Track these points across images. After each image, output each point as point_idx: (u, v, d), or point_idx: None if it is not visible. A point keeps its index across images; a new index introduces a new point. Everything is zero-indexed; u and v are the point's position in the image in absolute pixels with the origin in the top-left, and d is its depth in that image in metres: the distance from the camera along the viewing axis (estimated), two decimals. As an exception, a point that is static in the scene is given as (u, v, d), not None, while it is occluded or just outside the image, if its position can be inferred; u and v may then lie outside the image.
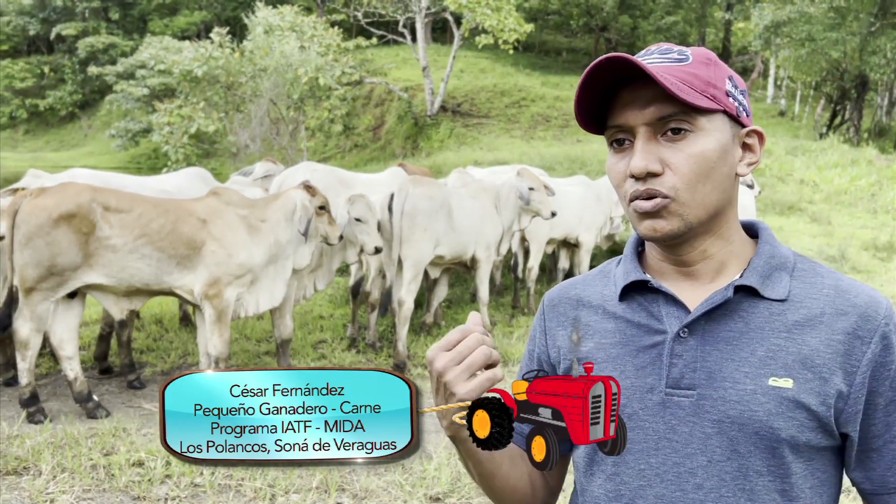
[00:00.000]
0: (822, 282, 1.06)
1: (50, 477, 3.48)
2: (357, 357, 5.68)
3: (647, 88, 1.00)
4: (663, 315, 1.07)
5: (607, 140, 1.08)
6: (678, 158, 1.01)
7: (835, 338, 1.00)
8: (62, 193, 4.07)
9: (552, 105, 22.72)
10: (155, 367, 5.37)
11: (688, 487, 1.02)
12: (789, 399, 0.99)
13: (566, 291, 1.21)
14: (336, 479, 3.52)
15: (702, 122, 1.01)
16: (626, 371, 1.07)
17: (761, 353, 1.01)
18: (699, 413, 1.02)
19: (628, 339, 1.09)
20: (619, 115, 1.04)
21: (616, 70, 1.01)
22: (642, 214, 1.03)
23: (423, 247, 5.31)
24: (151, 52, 19.55)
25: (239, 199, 4.51)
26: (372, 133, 23.99)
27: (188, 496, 3.39)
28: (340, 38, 18.21)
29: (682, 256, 1.08)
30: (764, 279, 1.05)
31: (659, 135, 1.02)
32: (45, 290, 4.06)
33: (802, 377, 0.99)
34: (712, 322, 1.04)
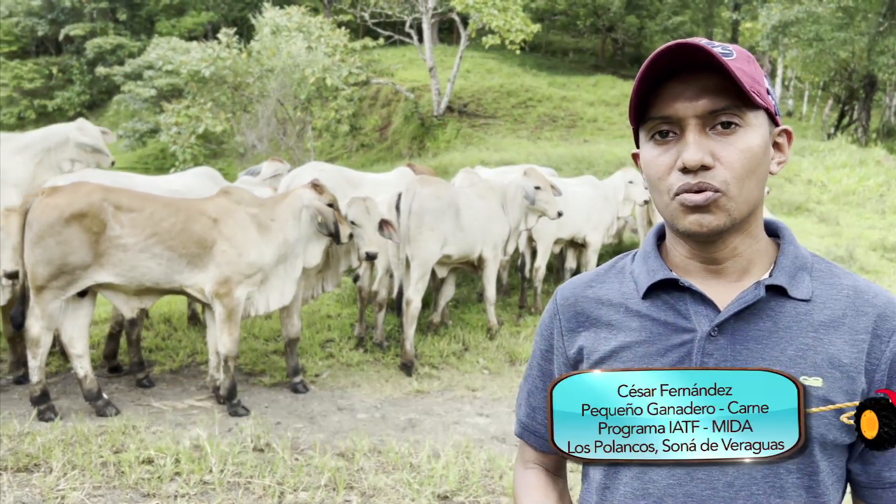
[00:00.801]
0: (840, 282, 1.08)
1: (61, 474, 3.50)
2: (365, 356, 5.70)
3: (700, 80, 1.00)
4: (691, 313, 1.07)
5: (646, 132, 1.07)
6: (729, 153, 1.00)
7: (858, 337, 1.03)
8: (74, 193, 4.09)
9: (559, 105, 22.71)
10: (164, 365, 5.39)
11: (718, 486, 1.02)
12: (819, 398, 1.00)
13: (581, 290, 1.19)
14: (344, 477, 3.53)
15: (750, 117, 1.01)
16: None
17: (791, 352, 1.02)
18: None
19: (655, 337, 1.08)
20: (665, 106, 1.02)
21: (679, 58, 1.00)
22: (691, 208, 1.02)
23: (431, 246, 5.32)
24: (159, 52, 19.63)
25: (249, 198, 4.53)
26: (378, 133, 24.02)
27: (197, 493, 3.40)
28: (347, 38, 18.25)
29: (713, 254, 1.07)
30: (791, 279, 1.06)
31: (708, 128, 1.01)
32: (55, 289, 4.09)
33: (831, 376, 1.01)
34: (741, 321, 1.05)
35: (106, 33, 36.80)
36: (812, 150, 15.58)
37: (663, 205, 1.06)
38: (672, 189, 1.03)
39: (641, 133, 1.08)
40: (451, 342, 6.01)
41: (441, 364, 5.60)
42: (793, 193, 12.50)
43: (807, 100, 27.27)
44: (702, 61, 0.99)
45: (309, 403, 4.76)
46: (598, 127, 21.17)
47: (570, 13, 31.12)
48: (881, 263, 8.90)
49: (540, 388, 1.23)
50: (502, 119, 22.08)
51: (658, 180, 1.05)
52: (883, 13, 18.46)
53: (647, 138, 1.07)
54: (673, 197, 1.03)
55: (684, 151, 1.00)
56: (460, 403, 4.84)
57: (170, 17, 36.78)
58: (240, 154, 16.99)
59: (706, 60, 0.98)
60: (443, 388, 5.11)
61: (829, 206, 12.16)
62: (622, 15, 29.93)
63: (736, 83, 0.98)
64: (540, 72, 27.79)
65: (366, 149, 22.99)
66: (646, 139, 1.07)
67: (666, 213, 1.06)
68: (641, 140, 1.09)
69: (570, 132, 20.89)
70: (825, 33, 17.98)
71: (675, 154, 1.02)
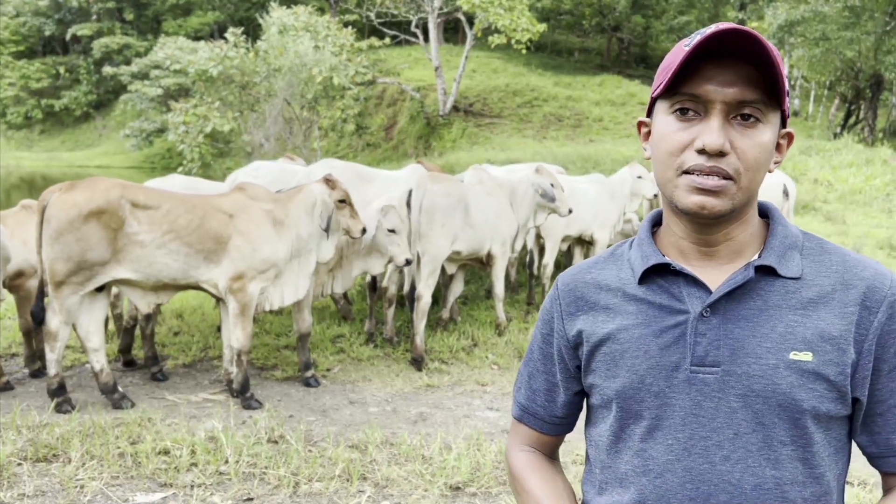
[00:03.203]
0: (830, 259, 1.11)
1: (79, 464, 3.56)
2: (375, 352, 5.76)
3: (735, 67, 1.02)
4: (684, 295, 1.10)
5: (668, 105, 1.07)
6: (746, 144, 1.03)
7: (847, 310, 1.06)
8: (92, 189, 4.15)
9: (564, 105, 22.72)
10: (177, 359, 5.46)
11: (715, 460, 1.06)
12: (810, 371, 1.04)
13: (581, 275, 1.23)
14: (358, 468, 3.59)
15: (769, 114, 1.05)
16: (650, 351, 1.10)
17: (781, 328, 1.06)
18: (724, 388, 1.06)
19: (651, 319, 1.12)
20: (698, 85, 1.03)
21: (726, 42, 1.01)
22: (698, 189, 1.04)
23: (441, 242, 5.38)
24: (167, 52, 19.71)
25: (264, 193, 4.58)
26: (384, 132, 24.08)
27: (214, 483, 3.46)
28: (354, 38, 18.31)
29: (708, 237, 1.11)
30: (780, 258, 1.10)
31: (731, 116, 1.04)
32: (74, 284, 4.15)
33: (821, 350, 1.04)
34: (733, 301, 1.08)
35: (113, 33, 36.97)
36: (818, 150, 15.58)
37: (666, 179, 1.08)
38: (683, 166, 1.05)
39: (661, 104, 1.10)
40: (460, 338, 6.06)
41: (451, 359, 5.66)
42: (800, 192, 12.50)
43: (813, 99, 27.24)
44: (745, 49, 1.01)
45: (321, 397, 4.82)
46: (604, 126, 21.18)
47: (576, 13, 31.13)
48: (888, 262, 8.92)
49: (541, 371, 1.27)
50: (508, 118, 22.11)
51: (669, 155, 1.07)
52: (889, 12, 18.43)
53: (668, 111, 1.08)
54: (681, 174, 1.06)
55: (706, 134, 1.02)
56: (470, 398, 4.89)
57: (176, 17, 36.92)
58: (247, 153, 17.06)
59: (752, 49, 1.01)
60: (453, 382, 5.16)
61: (836, 205, 12.17)
62: (628, 14, 29.93)
63: (769, 79, 1.02)
64: (545, 71, 27.81)
65: (372, 148, 23.05)
66: (666, 111, 1.08)
67: (668, 188, 1.08)
68: (659, 111, 1.10)
69: (575, 132, 20.91)
70: (831, 33, 17.96)
71: (694, 133, 1.04)
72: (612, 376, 1.13)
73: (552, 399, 1.26)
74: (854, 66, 19.96)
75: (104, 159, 32.94)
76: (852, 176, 13.55)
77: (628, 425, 1.13)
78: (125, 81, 29.26)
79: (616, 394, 1.13)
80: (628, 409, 1.11)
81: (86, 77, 37.87)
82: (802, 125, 24.03)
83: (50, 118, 39.35)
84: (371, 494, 3.41)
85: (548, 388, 1.26)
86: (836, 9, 18.28)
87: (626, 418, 1.12)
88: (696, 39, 1.02)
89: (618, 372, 1.12)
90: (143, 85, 27.49)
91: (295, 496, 3.38)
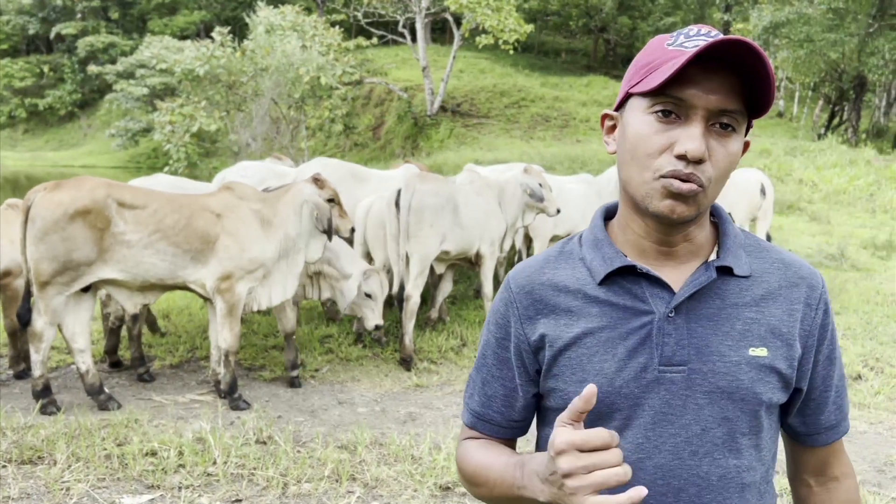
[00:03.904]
0: (769, 256, 1.16)
1: (65, 466, 3.53)
2: (364, 352, 5.74)
3: (721, 75, 1.01)
4: (647, 296, 1.11)
5: (649, 105, 1.05)
6: (720, 154, 1.03)
7: (794, 307, 1.12)
8: (77, 189, 4.11)
9: (551, 105, 22.80)
10: (164, 360, 5.42)
11: (684, 455, 1.09)
12: (765, 366, 1.09)
13: (535, 276, 1.19)
14: (347, 469, 3.58)
15: (742, 125, 1.05)
16: (617, 353, 1.10)
17: (739, 326, 1.09)
18: (691, 386, 1.08)
19: (616, 322, 1.11)
20: (684, 89, 1.01)
21: (722, 51, 0.99)
22: (671, 194, 1.03)
23: (430, 242, 5.37)
24: (153, 51, 19.58)
25: (252, 193, 4.55)
26: (372, 132, 24.06)
27: (201, 485, 3.44)
28: (341, 37, 18.27)
29: (670, 237, 1.11)
30: (735, 258, 1.13)
31: (710, 124, 1.03)
32: (59, 285, 4.11)
33: (774, 345, 1.10)
34: (694, 301, 1.10)
35: (98, 32, 36.71)
36: (803, 151, 15.73)
37: (641, 181, 1.06)
38: (660, 171, 1.03)
39: (638, 101, 1.07)
40: (449, 338, 6.06)
41: (440, 359, 5.65)
42: (784, 192, 12.61)
43: (797, 100, 27.45)
44: (732, 59, 1.00)
45: (309, 398, 4.80)
46: (591, 127, 21.26)
47: (563, 14, 31.24)
48: (872, 261, 9.00)
49: (496, 377, 1.23)
50: (495, 119, 22.15)
51: (647, 157, 1.05)
52: (873, 14, 18.61)
53: (647, 110, 1.05)
54: (657, 178, 1.04)
55: (687, 141, 1.01)
56: (459, 397, 4.88)
57: (162, 16, 36.72)
58: (234, 153, 16.98)
59: (741, 61, 0.99)
60: (442, 382, 5.16)
61: (821, 206, 12.28)
62: (614, 16, 30.08)
63: (757, 92, 1.01)
64: (533, 72, 27.89)
65: (359, 148, 23.02)
66: (644, 110, 1.06)
67: (640, 191, 1.06)
68: (635, 108, 1.08)
69: (562, 132, 20.99)
70: (816, 34, 18.12)
71: (673, 137, 1.02)
72: (579, 380, 1.11)
73: (510, 404, 1.23)
74: (838, 67, 20.14)
75: (89, 159, 32.70)
76: (836, 176, 13.69)
77: (596, 427, 1.11)
78: (110, 80, 29.05)
79: None
80: (598, 412, 1.10)
81: (70, 76, 37.59)
82: (787, 126, 24.22)
83: (34, 117, 39.03)
84: (360, 495, 3.40)
85: (505, 393, 1.23)
86: (820, 11, 18.44)
87: (595, 420, 1.10)
88: (700, 45, 1.00)
89: (585, 376, 1.11)
90: (128, 84, 27.31)
91: (284, 497, 3.36)
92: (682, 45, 1.04)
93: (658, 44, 1.08)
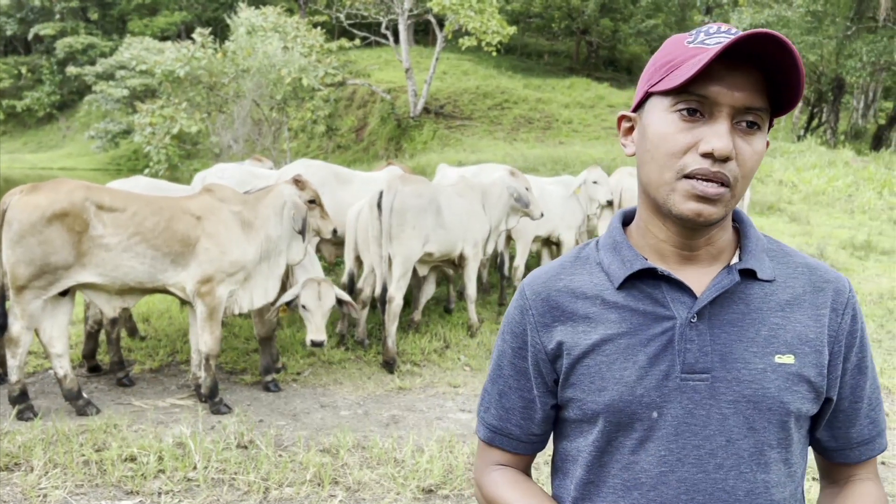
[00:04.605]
0: (794, 261, 1.13)
1: (42, 472, 3.48)
2: (346, 354, 5.71)
3: (746, 72, 0.99)
4: (669, 301, 1.07)
5: (672, 104, 1.02)
6: (746, 151, 1.01)
7: (819, 312, 1.08)
8: (55, 191, 4.06)
9: (534, 107, 22.85)
10: (144, 364, 5.36)
11: (709, 468, 1.04)
12: (793, 374, 1.04)
13: (551, 282, 1.15)
14: (329, 472, 3.55)
15: (766, 123, 1.03)
16: (638, 361, 1.06)
17: (764, 332, 1.05)
18: (715, 395, 1.04)
19: (636, 328, 1.07)
20: (709, 86, 0.99)
21: (749, 46, 0.97)
22: (697, 197, 1.00)
23: (412, 244, 5.36)
24: (133, 52, 19.40)
25: (232, 195, 4.52)
26: (355, 134, 23.99)
27: (182, 490, 3.40)
28: (323, 38, 18.20)
29: (693, 241, 1.08)
30: (758, 262, 1.10)
31: (735, 122, 1.00)
32: (36, 289, 4.05)
33: (801, 352, 1.05)
34: (717, 306, 1.06)
35: (77, 33, 36.30)
36: (783, 152, 15.88)
37: (662, 182, 1.03)
38: (685, 170, 1.00)
39: (659, 100, 1.04)
40: (432, 340, 6.05)
41: (423, 361, 5.64)
42: (765, 194, 12.73)
43: (777, 102, 27.69)
44: (757, 55, 0.97)
45: (291, 401, 4.77)
46: (574, 129, 21.34)
47: (546, 16, 31.33)
48: (850, 261, 9.10)
49: (514, 388, 1.19)
50: (479, 120, 22.17)
51: (670, 156, 1.01)
52: (850, 17, 18.84)
53: (670, 109, 1.02)
54: (681, 177, 1.01)
55: (714, 139, 0.98)
56: (442, 400, 4.87)
57: (142, 17, 36.39)
58: (215, 154, 16.86)
59: (769, 57, 0.97)
60: (425, 384, 5.14)
61: (800, 206, 12.40)
62: (596, 18, 30.20)
63: (785, 87, 0.99)
64: (515, 74, 27.95)
65: (342, 150, 22.95)
66: (666, 109, 1.03)
67: (661, 191, 1.03)
68: (656, 108, 1.05)
69: (545, 134, 21.04)
70: (794, 37, 18.29)
71: (697, 136, 1.00)
72: (598, 389, 1.08)
73: (529, 416, 1.18)
74: (816, 69, 20.36)
75: (68, 161, 32.34)
76: (815, 177, 13.82)
77: (617, 438, 1.08)
78: (90, 82, 28.71)
79: (605, 407, 1.08)
80: (618, 422, 1.07)
81: (49, 77, 37.13)
82: (767, 128, 24.40)
83: (12, 119, 38.52)
84: (343, 499, 3.38)
85: (524, 405, 1.18)
86: (798, 14, 18.64)
87: (615, 431, 1.08)
88: (723, 42, 0.97)
89: (605, 385, 1.07)
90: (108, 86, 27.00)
91: (265, 502, 3.34)
92: (703, 42, 1.01)
93: (677, 42, 1.05)
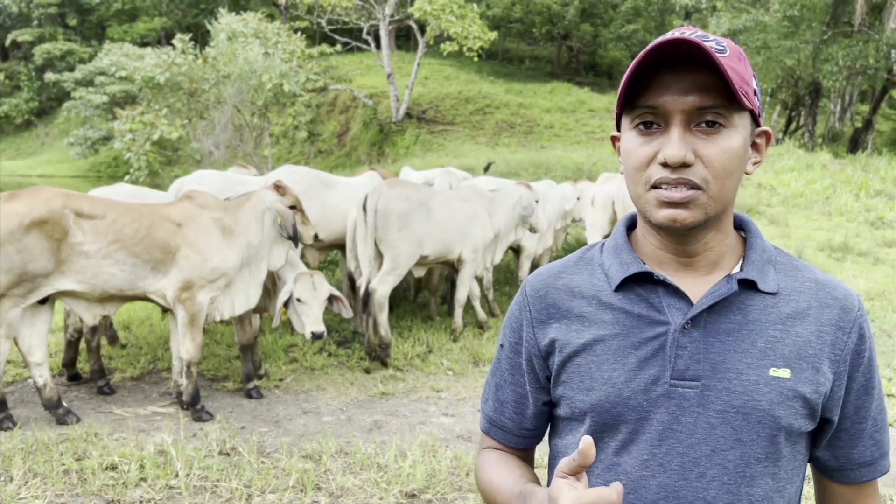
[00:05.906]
0: (802, 275, 1.10)
1: (21, 482, 3.45)
2: (329, 360, 5.71)
3: (691, 74, 0.99)
4: (664, 306, 1.07)
5: (631, 120, 1.05)
6: (712, 152, 1.00)
7: (823, 329, 1.06)
8: (34, 199, 4.03)
9: (516, 112, 22.96)
10: (124, 372, 5.32)
11: (691, 477, 1.03)
12: (788, 389, 1.03)
13: (551, 280, 1.17)
14: (312, 478, 3.55)
15: (735, 118, 1.01)
16: (628, 363, 1.06)
17: (761, 344, 1.04)
18: (704, 404, 1.03)
19: (629, 330, 1.07)
20: (655, 96, 1.00)
21: (674, 50, 0.98)
22: (666, 203, 1.01)
23: (402, 246, 5.46)
24: (112, 58, 19.28)
25: (213, 201, 4.50)
26: (337, 139, 23.97)
27: (163, 498, 3.39)
28: (304, 44, 18.19)
29: (686, 247, 1.08)
30: (760, 273, 1.08)
31: (693, 125, 1.00)
32: (15, 297, 4.01)
33: (798, 367, 1.03)
34: (713, 314, 1.05)
35: (55, 39, 35.98)
36: (762, 155, 16.04)
37: (637, 195, 1.05)
38: (650, 181, 1.02)
39: (625, 119, 1.07)
40: (415, 344, 6.06)
41: (405, 366, 5.65)
42: (744, 196, 12.86)
43: (756, 106, 27.98)
44: (696, 56, 0.98)
45: (274, 407, 4.76)
46: (555, 133, 21.45)
47: (527, 21, 31.51)
48: (828, 263, 9.22)
49: (509, 382, 1.21)
50: (461, 125, 22.22)
51: (636, 171, 1.04)
52: (826, 22, 19.10)
53: (631, 126, 1.05)
54: (649, 189, 1.02)
55: (667, 146, 0.99)
56: (425, 404, 4.88)
57: (122, 23, 36.13)
58: (196, 161, 16.76)
59: (701, 56, 0.97)
60: (408, 389, 5.15)
61: (779, 209, 12.54)
62: (577, 23, 30.41)
63: (726, 83, 0.98)
64: (497, 79, 28.07)
65: (324, 155, 22.92)
66: (629, 126, 1.06)
67: (639, 204, 1.06)
68: (624, 126, 1.08)
69: (527, 138, 21.13)
70: (772, 41, 18.52)
71: (656, 147, 1.01)
72: (586, 388, 1.09)
73: (521, 411, 1.21)
74: (794, 73, 20.62)
75: (47, 168, 32.03)
76: (794, 180, 13.99)
77: (602, 439, 1.09)
78: (69, 88, 28.46)
79: (591, 406, 1.08)
80: (603, 423, 1.08)
81: (27, 84, 36.77)
82: (746, 131, 24.64)
83: (-11, 126, 38.09)
84: (326, 504, 3.37)
85: (516, 399, 1.20)
86: (776, 18, 18.88)
87: (601, 431, 1.08)
88: (641, 53, 0.99)
89: (593, 384, 1.08)
90: (87, 92, 26.76)
91: (248, 508, 3.33)
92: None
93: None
